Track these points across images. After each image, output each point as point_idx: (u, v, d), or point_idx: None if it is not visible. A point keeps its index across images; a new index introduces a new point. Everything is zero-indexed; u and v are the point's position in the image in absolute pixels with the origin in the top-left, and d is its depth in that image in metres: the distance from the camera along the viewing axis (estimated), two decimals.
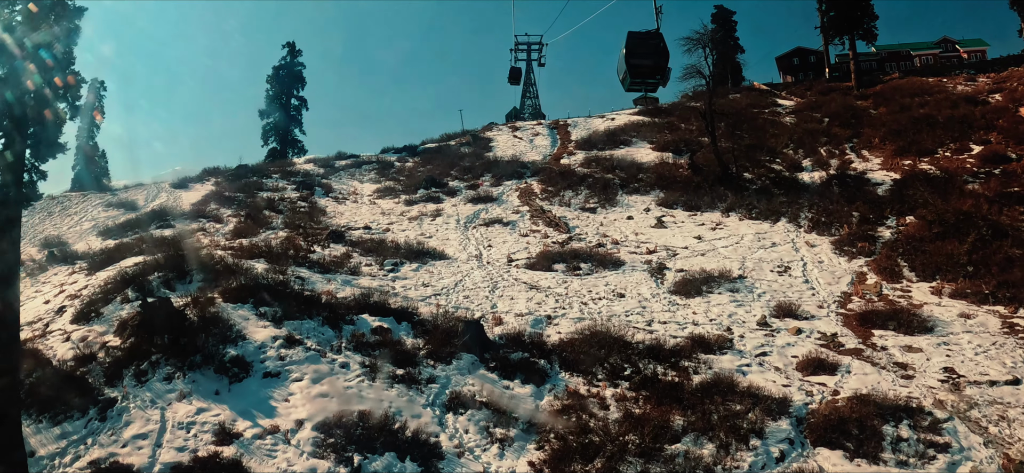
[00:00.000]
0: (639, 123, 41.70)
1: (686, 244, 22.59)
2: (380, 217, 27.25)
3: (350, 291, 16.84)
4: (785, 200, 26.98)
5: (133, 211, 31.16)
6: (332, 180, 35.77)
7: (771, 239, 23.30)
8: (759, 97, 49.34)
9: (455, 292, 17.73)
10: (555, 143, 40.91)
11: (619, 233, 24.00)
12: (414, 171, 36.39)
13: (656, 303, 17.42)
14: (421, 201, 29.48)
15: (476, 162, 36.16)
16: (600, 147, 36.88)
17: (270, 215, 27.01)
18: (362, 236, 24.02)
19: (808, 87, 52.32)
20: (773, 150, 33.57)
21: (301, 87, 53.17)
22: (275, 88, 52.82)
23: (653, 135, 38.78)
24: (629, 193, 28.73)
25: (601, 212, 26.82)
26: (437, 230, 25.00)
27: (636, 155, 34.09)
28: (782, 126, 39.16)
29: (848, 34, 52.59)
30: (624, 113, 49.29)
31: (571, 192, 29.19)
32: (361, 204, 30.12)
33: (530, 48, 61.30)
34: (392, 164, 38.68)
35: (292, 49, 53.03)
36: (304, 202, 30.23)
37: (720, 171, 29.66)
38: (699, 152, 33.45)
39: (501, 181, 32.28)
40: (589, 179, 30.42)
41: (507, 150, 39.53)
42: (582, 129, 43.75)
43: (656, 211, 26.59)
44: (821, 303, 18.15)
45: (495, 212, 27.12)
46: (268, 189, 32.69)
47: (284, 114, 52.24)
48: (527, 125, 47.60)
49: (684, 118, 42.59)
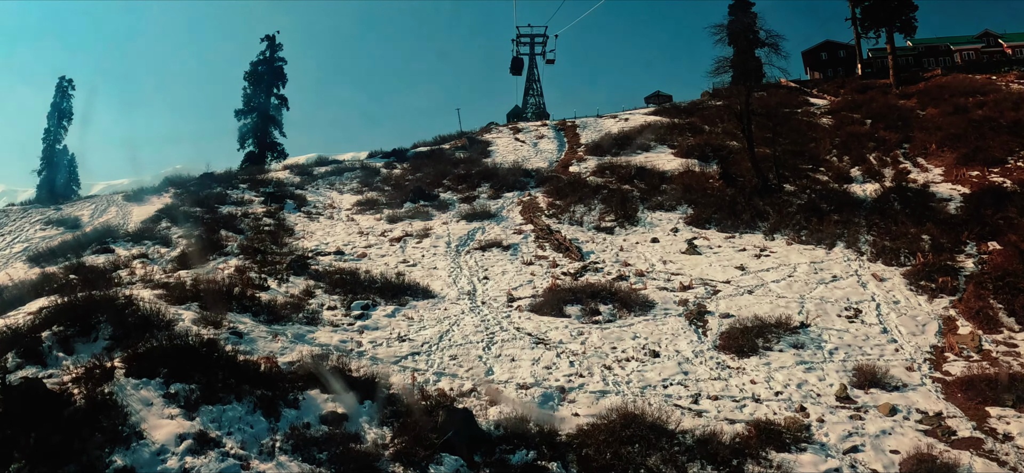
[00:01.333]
0: (656, 124, 38.05)
1: (727, 277, 18.92)
2: (357, 238, 23.62)
3: (301, 351, 13.20)
4: (838, 219, 23.29)
5: (74, 230, 27.56)
6: (308, 190, 32.20)
7: (829, 270, 19.62)
8: (788, 95, 45.64)
9: (439, 350, 14.06)
10: (562, 147, 37.27)
11: (643, 261, 20.34)
12: (402, 179, 32.79)
13: (701, 365, 13.75)
14: (407, 217, 25.85)
15: (472, 169, 32.54)
16: (614, 152, 33.23)
17: (226, 237, 23.40)
18: (332, 264, 20.41)
19: (841, 84, 48.64)
20: (815, 157, 29.89)
21: (282, 84, 49.53)
22: (253, 86, 49.16)
23: (674, 138, 35.13)
24: (651, 209, 25.07)
25: (620, 233, 23.16)
26: (423, 256, 21.37)
27: (657, 162, 30.44)
28: (820, 128, 35.50)
29: (885, 26, 48.89)
30: (638, 113, 45.63)
31: (583, 207, 25.54)
32: (337, 221, 26.50)
33: (533, 41, 57.62)
34: (378, 172, 35.09)
35: (271, 42, 49.38)
36: (271, 218, 26.66)
37: (758, 182, 25.99)
38: (729, 159, 29.81)
39: (501, 192, 28.65)
40: (603, 191, 26.77)
41: (508, 155, 35.90)
42: (592, 131, 40.10)
43: (685, 232, 22.92)
44: (910, 362, 14.49)
45: (493, 232, 23.48)
46: (232, 202, 29.13)
47: (262, 115, 48.61)
48: (530, 126, 43.98)
49: (707, 118, 38.95)
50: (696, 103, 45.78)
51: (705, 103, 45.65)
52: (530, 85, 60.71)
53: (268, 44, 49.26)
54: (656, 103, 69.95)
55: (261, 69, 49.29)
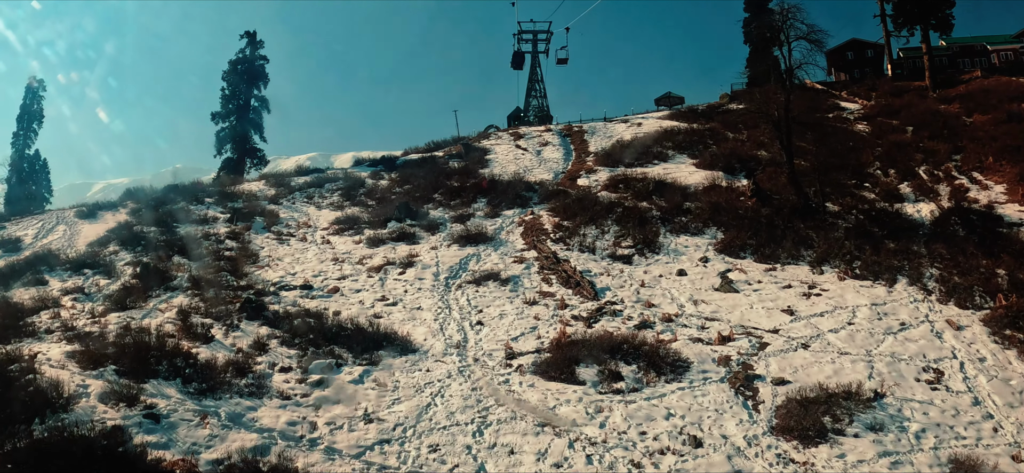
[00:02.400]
0: (672, 131, 35.11)
1: (774, 323, 15.93)
2: (330, 266, 20.67)
3: (234, 443, 10.25)
4: (895, 247, 20.33)
5: (12, 253, 24.53)
6: (282, 205, 29.28)
7: (895, 315, 16.64)
8: (816, 98, 42.63)
9: (416, 436, 11.09)
10: (569, 156, 34.33)
11: (670, 301, 17.36)
12: (388, 192, 29.86)
13: (758, 459, 10.77)
14: (390, 240, 22.92)
15: (468, 181, 29.61)
16: (628, 162, 30.29)
17: (178, 266, 20.48)
18: (296, 302, 17.47)
19: (871, 86, 45.73)
20: (858, 169, 26.93)
21: (263, 85, 46.68)
22: (231, 86, 46.32)
23: (694, 147, 32.20)
24: (675, 231, 22.11)
25: (639, 262, 20.20)
26: (406, 291, 18.42)
27: (677, 175, 27.49)
28: (857, 136, 32.57)
29: (920, 23, 45.99)
30: (651, 117, 42.73)
31: (594, 229, 22.58)
32: (310, 244, 23.56)
33: (536, 38, 54.69)
34: (362, 183, 32.16)
35: (252, 39, 46.55)
36: (234, 241, 23.72)
37: (797, 201, 23.03)
38: (760, 172, 26.88)
39: (499, 210, 25.71)
40: (618, 210, 23.81)
41: (508, 165, 32.96)
42: (601, 137, 37.17)
43: (717, 262, 19.95)
44: (1015, 448, 11.54)
45: (490, 260, 20.53)
46: (194, 220, 26.20)
47: (242, 118, 45.75)
48: (533, 131, 41.04)
49: (729, 124, 36.04)
50: (714, 107, 42.90)
51: (724, 106, 42.76)
52: (532, 86, 57.81)
53: (248, 41, 46.46)
54: (667, 105, 66.82)
55: (241, 68, 46.44)
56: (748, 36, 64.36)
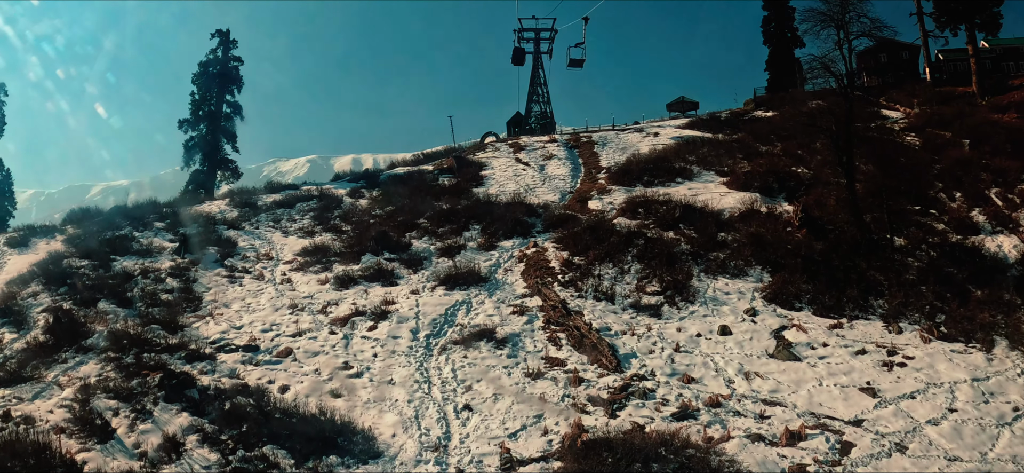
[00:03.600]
0: (694, 142, 31.70)
1: (854, 409, 12.46)
2: (286, 316, 17.23)
3: None
4: (982, 297, 16.89)
5: None
6: (243, 231, 25.88)
7: (1003, 394, 13.17)
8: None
9: None
10: (577, 172, 30.89)
11: (714, 374, 13.90)
12: (367, 215, 26.45)
13: None
14: (363, 279, 19.49)
15: (459, 202, 26.19)
16: (647, 180, 26.87)
17: (101, 316, 17.08)
18: (235, 371, 14.05)
19: (912, 92, 42.36)
20: (920, 193, 23.50)
21: (236, 89, 43.11)
22: (201, 90, 42.89)
23: (721, 161, 28.79)
24: (711, 272, 18.66)
25: (670, 315, 16.73)
26: (375, 355, 14.97)
27: (706, 196, 24.06)
28: (909, 151, 29.17)
29: (965, 23, 42.63)
30: (668, 125, 39.33)
31: (612, 268, 19.14)
32: (268, 283, 20.13)
33: (538, 36, 51.26)
34: (339, 202, 28.76)
35: (224, 39, 43.06)
36: (177, 279, 20.32)
37: (857, 233, 19.60)
38: (804, 194, 23.50)
39: (496, 239, 22.28)
40: (639, 242, 20.37)
41: (506, 182, 29.55)
42: (614, 149, 33.73)
43: (768, 315, 16.49)
44: None
45: (483, 310, 17.09)
46: (136, 251, 22.80)
47: (212, 126, 42.32)
48: (535, 142, 37.60)
49: (758, 134, 32.65)
50: (739, 113, 39.52)
51: (750, 113, 39.39)
52: (535, 89, 54.42)
53: (220, 41, 42.97)
54: (680, 110, 63.31)
55: (212, 71, 43.02)
56: (768, 36, 61.25)
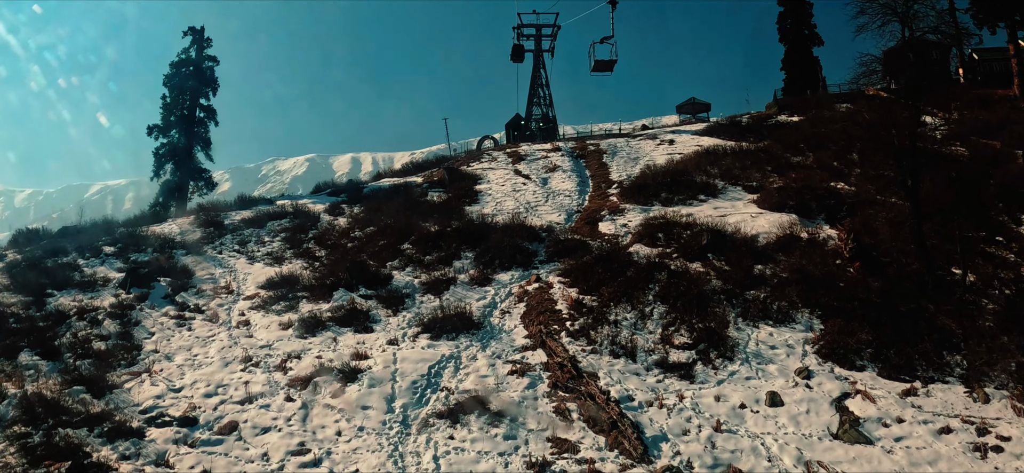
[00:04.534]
0: (715, 151, 28.82)
1: None
2: (237, 374, 14.34)
3: None
4: None
5: None
6: (204, 256, 23.00)
7: None
8: (880, 108, 36.45)
9: None
10: (584, 186, 28.01)
11: (767, 466, 11.02)
12: (344, 238, 23.57)
13: None
14: (333, 322, 16.60)
15: (450, 223, 23.29)
16: (665, 197, 23.96)
17: (17, 373, 14.18)
18: (162, 456, 11.15)
19: (946, 95, 39.49)
20: (982, 216, 20.60)
21: (211, 92, 40.25)
22: (173, 93, 40.05)
23: (747, 173, 25.91)
24: (750, 317, 15.72)
25: (706, 377, 13.78)
26: (339, 432, 12.08)
27: (735, 217, 21.17)
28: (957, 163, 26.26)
29: (1005, 19, 39.88)
30: (685, 130, 36.38)
31: (631, 311, 16.22)
32: (221, 326, 17.24)
33: (540, 33, 48.39)
34: (315, 220, 25.90)
35: (198, 37, 40.24)
36: (117, 321, 17.43)
37: (920, 266, 16.71)
38: (846, 215, 20.66)
39: (491, 271, 19.39)
40: (661, 276, 17.46)
41: (504, 198, 26.66)
42: (625, 159, 30.85)
43: (825, 377, 13.57)
44: None
45: (475, 369, 14.19)
46: (76, 284, 19.93)
47: (185, 132, 39.45)
48: (536, 150, 34.68)
49: (787, 142, 29.80)
50: (761, 118, 36.65)
51: (773, 117, 36.51)
52: (535, 90, 51.61)
53: (193, 39, 40.13)
54: (690, 112, 60.41)
55: (184, 72, 40.20)
56: (784, 34, 58.47)
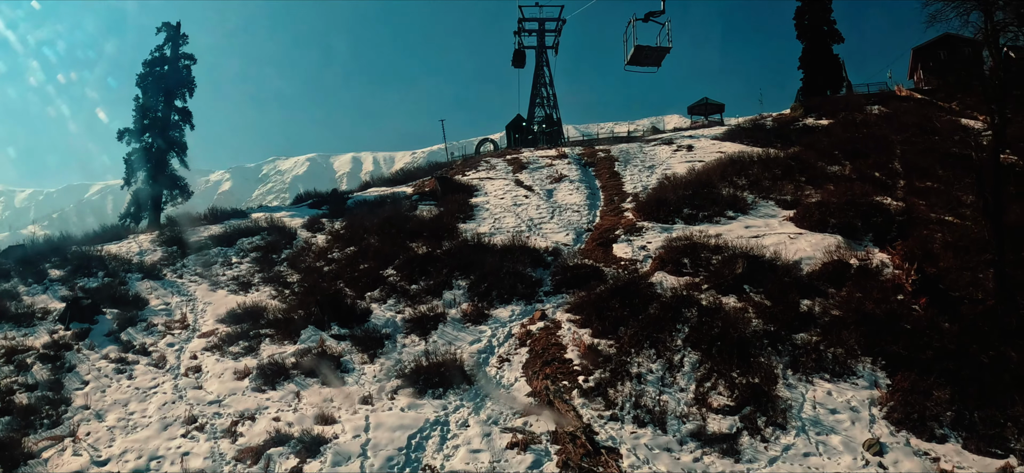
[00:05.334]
0: (741, 159, 26.13)
1: None
2: (176, 442, 11.74)
3: None
4: None
5: None
6: (164, 280, 20.48)
7: None
8: (919, 110, 33.82)
9: None
10: (595, 199, 25.32)
11: None
12: (321, 259, 20.98)
13: None
14: (297, 371, 14.00)
15: (441, 244, 20.67)
16: (688, 213, 21.28)
17: None
18: None
19: None
20: None
21: (187, 93, 37.53)
22: (146, 95, 37.48)
23: (779, 185, 23.23)
24: (802, 369, 13.03)
25: (755, 453, 11.08)
26: None
27: (771, 240, 18.50)
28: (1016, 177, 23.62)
29: None
30: (703, 134, 33.59)
31: (656, 360, 13.55)
32: (167, 374, 14.67)
33: (543, 28, 45.73)
34: (291, 237, 23.34)
35: (173, 33, 37.70)
36: (49, 366, 14.89)
37: (997, 303, 14.02)
38: (897, 233, 18.02)
39: (488, 304, 16.75)
40: (691, 314, 14.78)
41: (503, 214, 24.01)
42: (639, 168, 28.15)
43: (901, 453, 10.86)
44: None
45: (465, 441, 11.51)
46: (15, 315, 17.45)
47: (160, 136, 36.89)
48: (540, 157, 32.02)
49: (819, 148, 27.14)
50: (786, 120, 33.96)
51: (799, 120, 33.83)
52: (538, 90, 49.04)
53: (167, 36, 37.55)
54: (703, 113, 57.91)
55: (158, 71, 37.67)
56: (802, 30, 55.92)
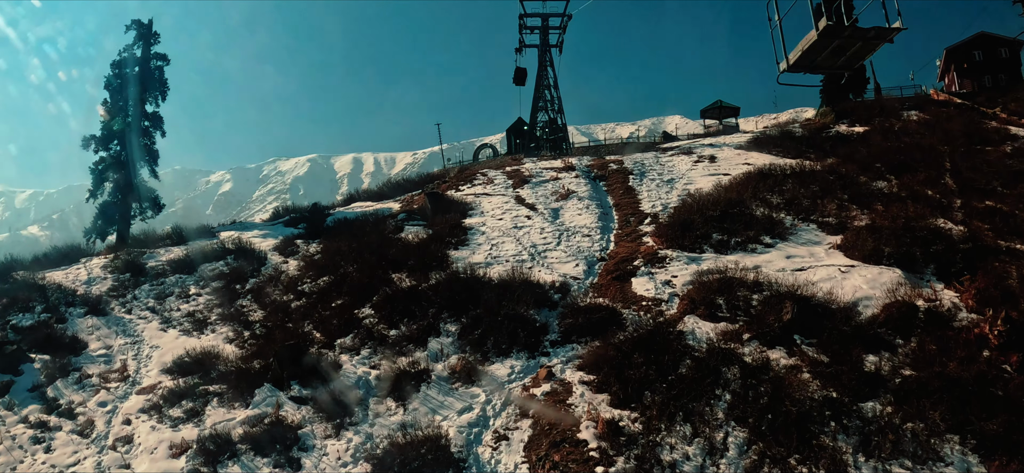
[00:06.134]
0: (771, 173, 23.42)
1: None
2: None
3: None
4: None
5: None
6: (110, 315, 17.93)
7: None
8: (962, 117, 31.11)
9: None
10: (607, 220, 22.57)
11: None
12: (291, 291, 18.35)
13: None
14: (246, 445, 11.42)
15: (428, 277, 17.97)
16: (718, 240, 18.55)
17: None
18: None
19: None
20: None
21: (159, 97, 34.89)
22: (115, 98, 34.93)
23: (818, 204, 20.54)
24: (877, 462, 10.33)
25: None
26: None
27: (820, 274, 15.80)
28: None
29: None
30: (725, 142, 30.83)
31: (693, 441, 10.88)
32: (90, 446, 12.09)
33: (547, 26, 43.09)
34: (262, 262, 20.75)
35: (144, 31, 35.16)
36: None
37: None
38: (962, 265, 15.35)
39: (483, 357, 14.05)
40: (732, 374, 12.12)
41: (502, 238, 21.29)
42: (657, 182, 25.45)
43: None
44: None
45: None
46: None
47: (128, 144, 34.29)
48: (544, 169, 29.31)
49: (859, 161, 24.45)
50: (815, 127, 31.22)
51: (829, 127, 31.12)
52: (541, 92, 46.47)
53: (137, 34, 34.99)
54: (717, 118, 55.32)
55: (128, 72, 35.10)
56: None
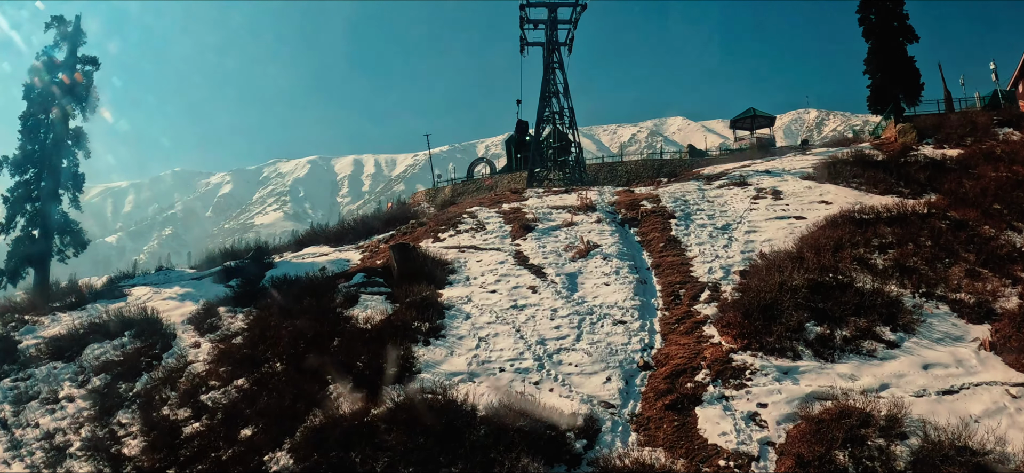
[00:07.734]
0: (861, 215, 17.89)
1: None
2: None
3: None
4: None
5: None
6: None
7: None
8: None
9: None
10: (648, 294, 16.17)
11: None
12: (188, 402, 12.86)
13: None
14: None
15: (377, 397, 12.41)
16: (817, 336, 12.83)
17: None
18: None
19: None
20: None
21: (86, 108, 29.30)
22: (34, 111, 29.47)
23: (938, 267, 15.06)
24: None
25: None
26: None
27: (985, 410, 10.36)
28: None
29: None
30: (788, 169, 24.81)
31: None
32: None
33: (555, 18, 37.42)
34: (168, 344, 15.33)
35: (67, 32, 29.74)
36: None
37: None
38: None
39: None
40: None
41: (494, 325, 15.00)
42: (708, 227, 19.82)
43: None
44: None
45: None
46: None
47: (46, 167, 28.79)
48: (552, 207, 23.62)
49: (973, 201, 18.90)
50: (892, 149, 25.72)
51: (911, 148, 25.57)
52: (548, 100, 40.99)
53: (58, 34, 29.61)
54: (748, 128, 51.08)
55: (50, 80, 29.70)
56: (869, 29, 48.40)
